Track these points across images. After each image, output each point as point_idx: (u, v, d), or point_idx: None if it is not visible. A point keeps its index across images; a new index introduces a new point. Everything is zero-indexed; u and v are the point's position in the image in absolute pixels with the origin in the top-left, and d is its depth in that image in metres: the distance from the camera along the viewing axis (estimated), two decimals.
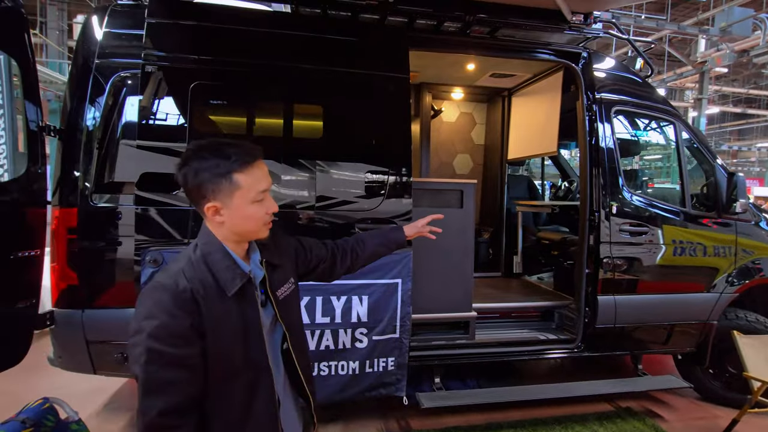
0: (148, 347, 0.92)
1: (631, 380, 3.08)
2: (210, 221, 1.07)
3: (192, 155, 1.03)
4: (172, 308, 0.95)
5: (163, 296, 0.97)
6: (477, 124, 4.81)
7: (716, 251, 3.07)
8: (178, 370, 0.95)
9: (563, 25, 2.85)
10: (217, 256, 1.05)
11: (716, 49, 11.73)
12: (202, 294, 0.99)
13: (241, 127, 2.45)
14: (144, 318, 0.95)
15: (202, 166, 1.01)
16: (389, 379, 2.51)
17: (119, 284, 2.26)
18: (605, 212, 2.86)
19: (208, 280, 1.02)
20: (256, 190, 1.05)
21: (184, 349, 0.96)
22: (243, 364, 1.05)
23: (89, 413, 2.81)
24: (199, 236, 1.09)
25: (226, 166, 1.01)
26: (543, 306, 3.34)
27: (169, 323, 0.94)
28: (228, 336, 1.02)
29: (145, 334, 0.93)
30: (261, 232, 1.11)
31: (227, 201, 1.03)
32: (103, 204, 2.26)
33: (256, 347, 1.08)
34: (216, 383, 1.01)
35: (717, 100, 19.81)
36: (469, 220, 2.91)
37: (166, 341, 0.93)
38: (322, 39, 2.48)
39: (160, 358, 0.93)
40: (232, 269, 1.05)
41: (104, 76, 2.32)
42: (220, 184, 1.01)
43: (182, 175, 1.03)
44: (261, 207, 1.07)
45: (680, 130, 3.12)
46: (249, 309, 1.07)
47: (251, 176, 1.04)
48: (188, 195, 1.06)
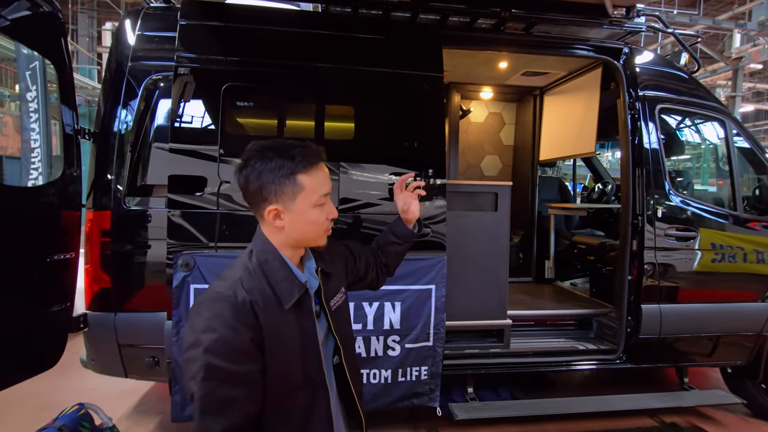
0: (206, 363, 0.86)
1: (676, 394, 2.90)
2: (268, 226, 1.02)
3: (255, 155, 0.98)
4: (232, 321, 0.89)
5: (222, 308, 0.90)
6: (506, 125, 4.68)
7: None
8: (238, 388, 0.88)
9: (603, 20, 2.71)
10: (275, 264, 1.00)
11: (753, 44, 11.21)
12: (261, 306, 0.94)
13: (273, 129, 2.41)
14: (202, 331, 0.88)
15: (266, 167, 0.97)
16: (422, 389, 2.42)
17: (151, 288, 2.25)
18: (650, 216, 2.71)
19: (266, 291, 0.97)
20: (319, 194, 1.01)
21: (245, 366, 0.90)
22: (301, 381, 0.99)
23: (119, 415, 2.82)
24: (253, 242, 1.04)
25: (290, 167, 0.97)
26: (581, 314, 3.19)
27: (230, 337, 0.88)
28: (286, 351, 0.97)
29: (202, 348, 0.86)
30: (321, 239, 1.07)
31: (289, 204, 0.99)
32: (135, 207, 2.25)
33: (313, 362, 1.02)
34: (272, 401, 0.94)
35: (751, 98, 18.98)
36: (505, 224, 2.80)
37: (225, 356, 0.87)
38: (353, 38, 2.42)
39: (220, 374, 0.86)
40: (289, 279, 1.00)
41: (137, 79, 2.32)
42: (283, 185, 0.97)
43: (244, 176, 0.98)
44: (322, 212, 1.03)
45: (731, 128, 2.93)
46: (306, 321, 1.02)
47: (315, 178, 1.00)
48: (248, 197, 1.01)
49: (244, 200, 1.03)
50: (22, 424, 2.62)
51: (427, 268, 2.36)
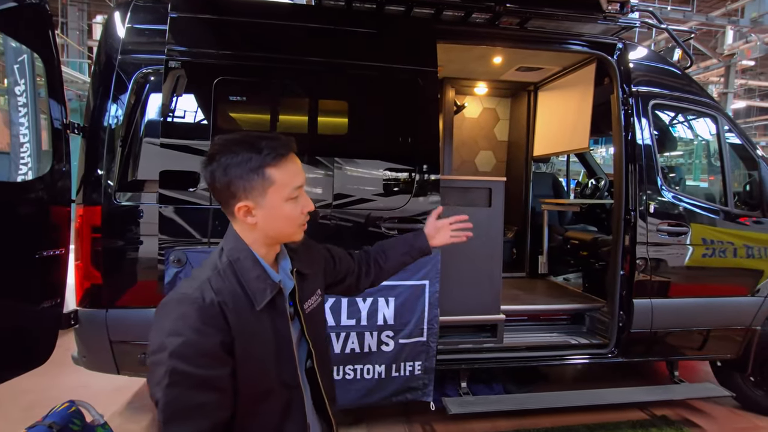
0: (171, 368, 0.81)
1: (667, 387, 2.94)
2: (240, 223, 0.97)
3: (220, 150, 0.93)
4: (198, 324, 0.85)
5: (188, 310, 0.86)
6: (500, 120, 4.67)
7: (760, 253, 2.90)
8: (206, 393, 0.84)
9: (598, 15, 2.71)
10: (246, 263, 0.95)
11: (745, 41, 11.28)
12: (231, 307, 0.89)
13: (265, 123, 2.40)
14: (167, 334, 0.84)
15: (233, 162, 0.91)
16: (416, 384, 2.43)
17: (143, 284, 2.23)
18: (641, 211, 2.73)
19: (237, 291, 0.92)
20: (291, 186, 0.96)
21: (213, 370, 0.85)
22: (275, 384, 0.96)
23: (112, 412, 2.80)
24: (224, 240, 0.99)
25: (258, 160, 0.92)
26: (574, 309, 3.21)
27: (196, 341, 0.84)
28: (259, 353, 0.93)
29: (167, 353, 0.82)
30: (296, 234, 1.02)
31: (260, 200, 0.93)
32: (126, 202, 2.23)
33: (287, 365, 0.98)
34: (245, 405, 0.91)
35: (742, 95, 19.14)
36: (498, 220, 2.81)
37: (192, 361, 0.83)
38: (347, 32, 2.41)
39: (186, 379, 0.82)
40: (262, 279, 0.95)
41: (127, 72, 2.28)
42: (252, 180, 0.92)
43: (209, 172, 0.93)
44: (296, 205, 0.98)
45: (722, 124, 2.95)
46: (279, 323, 0.97)
47: (286, 171, 0.95)
48: (216, 194, 0.96)
49: (213, 197, 0.99)
50: (12, 421, 2.60)
51: (421, 263, 2.35)
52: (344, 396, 2.30)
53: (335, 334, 2.27)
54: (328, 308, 2.27)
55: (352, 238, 2.32)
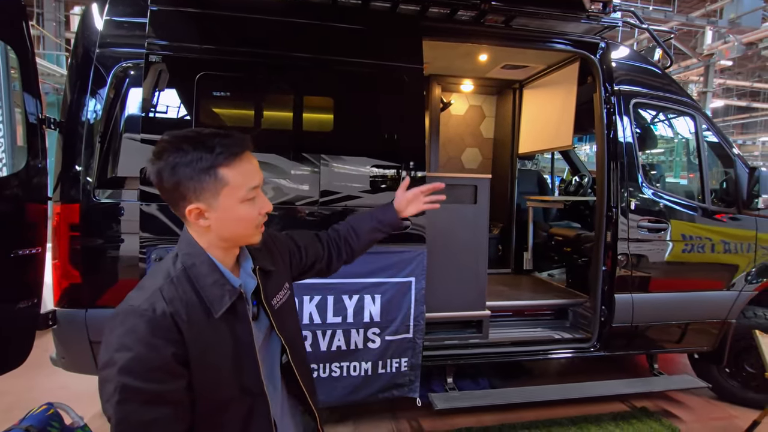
0: (122, 384, 0.77)
1: (647, 380, 3.02)
2: (193, 226, 0.91)
3: (167, 147, 0.86)
4: (149, 337, 0.80)
5: (137, 323, 0.81)
6: (486, 117, 4.71)
7: (736, 248, 2.99)
8: (160, 408, 0.80)
9: (581, 14, 2.74)
10: (202, 269, 0.89)
11: (723, 42, 11.57)
12: (184, 318, 0.84)
13: (249, 120, 2.37)
14: (115, 349, 0.79)
15: (181, 161, 0.85)
16: (402, 380, 2.44)
17: (124, 282, 2.18)
18: (623, 208, 2.78)
19: (192, 299, 0.87)
20: (247, 187, 0.90)
21: (166, 384, 0.81)
22: (235, 393, 0.91)
23: (92, 414, 2.74)
24: (178, 245, 0.93)
25: (209, 159, 0.85)
26: (557, 304, 3.27)
27: (146, 355, 0.79)
28: (217, 363, 0.88)
29: (116, 368, 0.77)
30: (254, 237, 0.96)
31: (212, 201, 0.87)
32: (106, 200, 2.18)
33: (249, 372, 0.94)
34: (205, 416, 0.87)
35: (721, 94, 19.65)
36: (484, 217, 2.83)
37: (143, 376, 0.78)
38: (332, 28, 2.38)
39: (138, 395, 0.78)
40: (219, 284, 0.90)
41: (106, 66, 2.23)
42: (203, 181, 0.85)
43: (156, 170, 0.86)
44: (253, 207, 0.92)
45: (701, 123, 3.03)
46: (240, 329, 0.93)
47: (240, 171, 0.89)
48: (164, 195, 0.89)
49: (161, 197, 0.90)
50: None
51: (407, 260, 2.37)
52: (331, 393, 2.30)
53: (321, 331, 2.27)
54: (314, 306, 2.26)
55: None
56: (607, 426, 2.79)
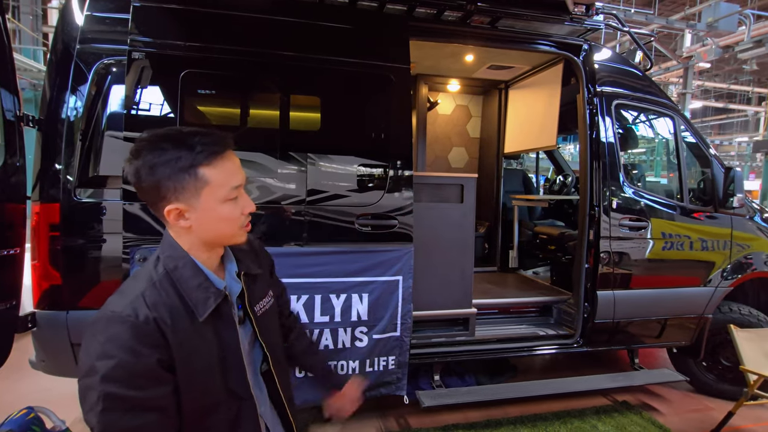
0: (105, 392, 0.75)
1: (627, 374, 3.09)
2: (173, 227, 0.89)
3: (146, 146, 0.83)
4: (132, 344, 0.78)
5: (119, 330, 0.78)
6: (473, 117, 4.75)
7: (712, 246, 3.09)
8: (145, 415, 0.78)
9: (565, 16, 2.79)
10: (185, 272, 0.87)
11: (702, 44, 11.88)
12: (168, 323, 0.82)
13: (235, 118, 2.34)
14: (97, 357, 0.77)
15: (160, 160, 0.82)
16: (390, 378, 2.46)
17: (107, 284, 2.14)
18: (605, 207, 2.84)
19: (175, 303, 0.85)
20: (228, 187, 0.87)
21: (151, 391, 0.79)
22: (222, 396, 0.90)
23: (75, 417, 2.67)
24: (160, 247, 0.90)
25: (189, 158, 0.83)
26: (542, 301, 3.32)
27: (129, 362, 0.77)
28: (203, 367, 0.87)
29: (99, 377, 0.75)
30: (237, 237, 0.93)
31: (193, 201, 0.85)
32: (87, 199, 2.13)
33: (236, 375, 0.92)
34: (191, 421, 0.85)
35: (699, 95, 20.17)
36: (470, 216, 2.86)
37: (127, 383, 0.76)
38: (319, 27, 2.38)
39: (122, 403, 0.76)
40: (203, 288, 0.88)
41: (87, 63, 2.18)
42: (183, 180, 0.83)
43: (133, 169, 0.83)
44: (235, 206, 0.90)
45: (679, 123, 3.11)
46: (226, 332, 0.91)
47: (221, 170, 0.86)
48: (142, 195, 0.86)
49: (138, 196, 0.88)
50: None
51: (394, 259, 2.38)
52: (317, 393, 2.30)
53: (308, 331, 2.26)
54: (301, 305, 2.25)
55: (326, 234, 2.31)
56: (590, 420, 2.86)
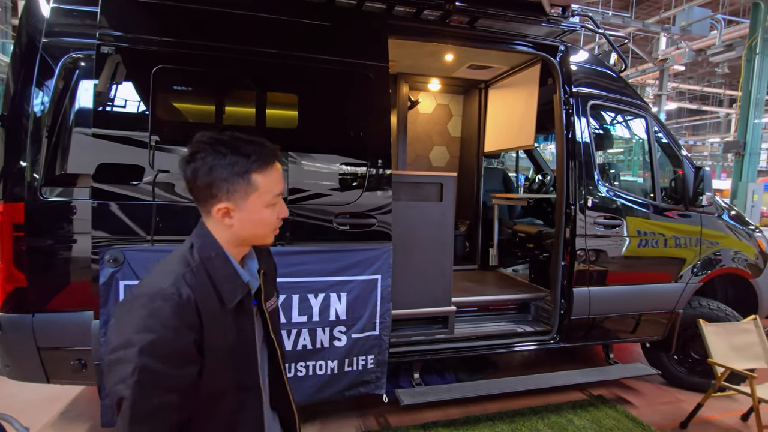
0: (141, 365, 0.79)
1: (603, 369, 3.17)
2: (215, 223, 0.95)
3: (205, 148, 0.91)
4: (173, 321, 0.83)
5: (162, 306, 0.83)
6: (453, 116, 4.78)
7: (683, 243, 3.18)
8: (173, 394, 0.83)
9: (542, 17, 2.83)
10: (218, 262, 0.94)
11: (676, 47, 12.24)
12: (203, 305, 0.88)
13: (210, 115, 2.30)
14: (136, 331, 0.81)
15: (218, 163, 0.90)
16: (369, 378, 2.45)
17: (75, 285, 2.08)
18: (581, 205, 2.90)
19: (209, 289, 0.91)
20: (272, 194, 0.96)
21: (184, 369, 0.84)
22: (232, 384, 0.95)
23: (44, 423, 2.60)
24: (194, 236, 0.97)
25: (245, 165, 0.91)
26: (520, 299, 3.37)
27: (170, 339, 0.82)
28: (222, 354, 0.91)
29: (136, 349, 0.79)
30: (268, 238, 1.02)
31: (241, 203, 0.93)
32: (54, 198, 2.06)
33: (248, 365, 0.98)
34: (203, 406, 0.90)
35: (674, 97, 20.77)
36: (449, 214, 2.87)
37: (164, 359, 0.81)
38: (296, 23, 2.35)
39: (156, 379, 0.80)
40: (232, 279, 0.95)
41: (53, 57, 2.11)
42: (236, 184, 0.91)
43: (192, 169, 0.91)
44: (274, 211, 0.98)
45: (651, 124, 3.19)
46: (245, 323, 0.98)
47: (269, 178, 0.95)
48: (194, 192, 0.94)
49: (188, 193, 0.95)
50: None
51: (373, 258, 2.37)
52: (297, 393, 2.26)
53: (286, 331, 2.24)
54: (279, 305, 2.22)
55: (304, 233, 2.29)
56: (567, 414, 2.91)
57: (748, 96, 9.65)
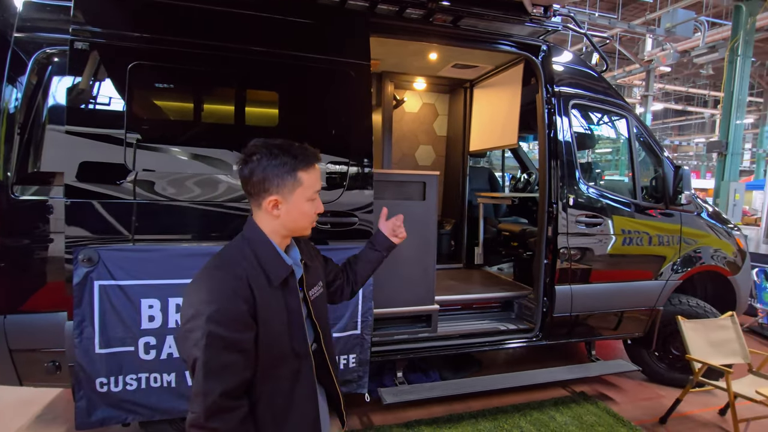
0: (209, 331, 0.98)
1: (584, 366, 3.20)
2: (265, 214, 1.14)
3: (260, 151, 1.10)
4: (230, 294, 1.02)
5: (221, 282, 1.04)
6: (439, 115, 4.78)
7: (664, 241, 3.23)
8: (236, 354, 1.01)
9: (524, 17, 2.85)
10: (265, 247, 1.13)
11: (661, 49, 12.41)
12: (254, 283, 1.07)
13: (188, 113, 2.27)
14: (202, 303, 1.00)
15: (272, 162, 1.10)
16: (351, 377, 2.44)
17: (48, 286, 2.03)
18: (563, 204, 2.92)
19: (258, 270, 1.10)
20: (313, 189, 1.16)
21: (242, 334, 1.02)
22: (288, 351, 1.13)
23: (18, 427, 2.55)
24: (245, 230, 1.17)
25: (293, 164, 1.11)
26: (503, 297, 3.38)
27: (229, 308, 1.01)
28: (275, 323, 1.10)
29: (204, 318, 0.98)
30: (308, 230, 1.22)
31: (288, 196, 1.13)
32: (27, 197, 2.01)
33: (298, 335, 1.15)
34: (264, 369, 1.08)
35: (661, 98, 21.08)
36: (432, 213, 2.87)
37: (226, 325, 0.99)
38: (277, 20, 2.33)
39: (221, 341, 0.99)
40: (277, 261, 1.13)
41: (26, 52, 2.06)
42: (285, 179, 1.11)
43: (249, 169, 1.10)
44: (313, 206, 1.18)
45: (632, 124, 3.23)
46: (292, 300, 1.15)
47: (312, 176, 1.15)
48: (248, 187, 1.13)
49: (243, 190, 1.14)
50: None
51: None
52: None
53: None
54: None
55: None
56: (549, 411, 2.94)
57: (730, 97, 9.84)
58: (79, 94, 2.01)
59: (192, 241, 2.13)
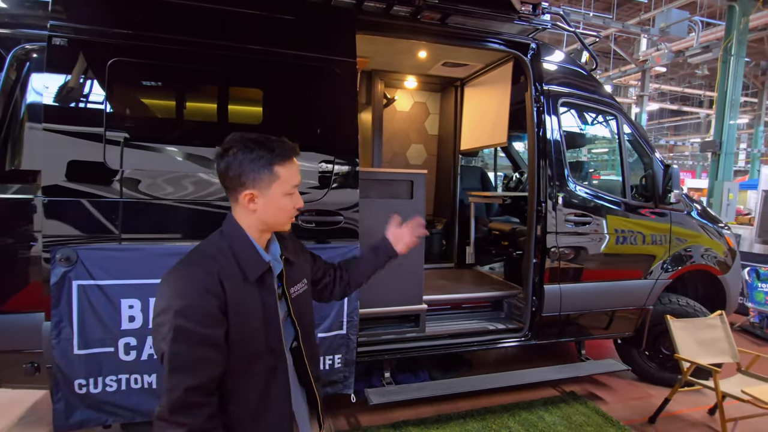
0: (176, 325, 0.97)
1: (574, 365, 3.18)
2: (242, 209, 1.13)
3: (237, 145, 1.09)
4: (200, 289, 1.01)
5: (192, 277, 1.03)
6: (431, 114, 4.76)
7: (653, 239, 3.22)
8: (205, 349, 1.00)
9: (512, 15, 2.83)
10: (242, 243, 1.12)
11: (656, 49, 12.43)
12: (227, 279, 1.05)
13: (170, 110, 2.24)
14: (172, 297, 1.00)
15: (248, 156, 1.08)
16: (336, 377, 2.42)
17: (25, 286, 2.00)
18: (552, 203, 2.90)
19: (233, 266, 1.08)
20: (291, 184, 1.13)
21: (211, 330, 1.01)
22: (262, 348, 1.11)
23: (0, 429, 2.51)
24: (224, 225, 1.16)
25: (269, 158, 1.09)
26: (493, 296, 3.37)
27: (198, 303, 1.00)
28: (249, 320, 1.08)
29: (173, 312, 0.98)
30: (286, 225, 1.20)
31: (264, 190, 1.11)
32: (3, 195, 1.98)
33: (273, 333, 1.14)
34: (238, 365, 1.07)
35: (656, 98, 21.13)
36: (420, 211, 2.85)
37: (194, 320, 0.99)
38: (261, 16, 2.30)
39: (189, 336, 0.98)
40: (253, 257, 1.12)
41: (4, 47, 2.05)
42: (261, 173, 1.09)
43: (225, 162, 1.09)
44: (291, 201, 1.15)
45: (622, 123, 3.21)
46: (268, 296, 1.13)
47: (289, 170, 1.13)
48: (225, 182, 1.11)
49: (221, 185, 1.13)
50: None
51: (340, 256, 2.32)
52: None
53: None
54: None
55: None
56: (538, 411, 2.92)
57: (724, 97, 9.85)
58: (57, 91, 1.97)
59: (173, 241, 2.11)
